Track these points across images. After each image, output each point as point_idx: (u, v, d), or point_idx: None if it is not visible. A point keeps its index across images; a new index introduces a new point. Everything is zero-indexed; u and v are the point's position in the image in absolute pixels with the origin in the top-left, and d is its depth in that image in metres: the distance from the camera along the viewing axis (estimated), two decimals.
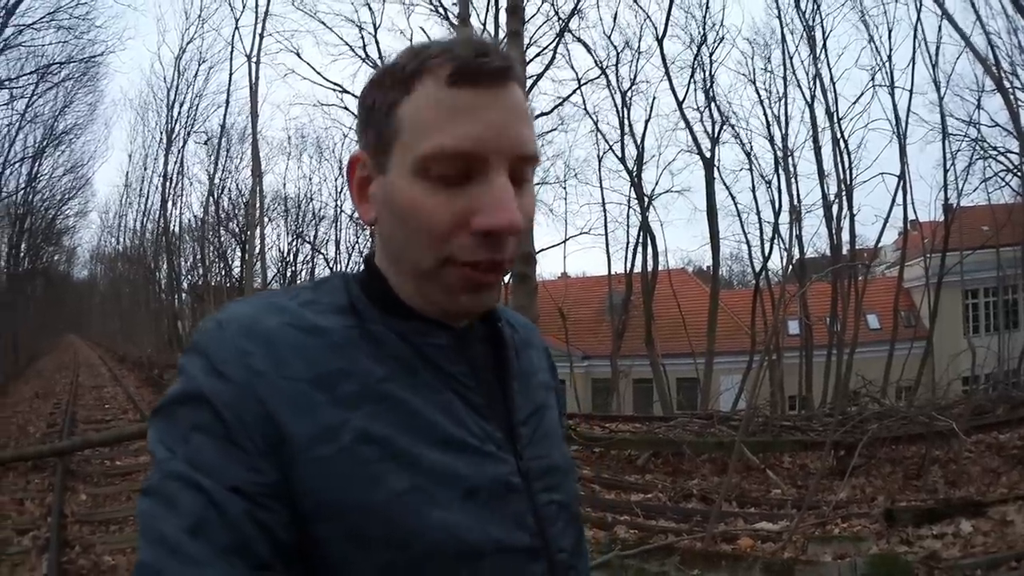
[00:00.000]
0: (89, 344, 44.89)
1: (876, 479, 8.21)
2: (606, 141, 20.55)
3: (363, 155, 0.77)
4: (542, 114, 20.34)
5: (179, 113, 28.42)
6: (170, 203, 29.25)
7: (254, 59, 20.06)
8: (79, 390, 18.18)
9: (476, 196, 0.69)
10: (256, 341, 0.68)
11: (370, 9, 24.41)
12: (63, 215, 35.63)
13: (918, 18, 17.28)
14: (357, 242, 29.36)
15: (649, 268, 20.32)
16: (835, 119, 18.40)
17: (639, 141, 19.93)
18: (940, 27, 17.07)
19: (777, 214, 19.26)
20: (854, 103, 21.90)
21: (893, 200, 17.83)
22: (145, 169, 33.48)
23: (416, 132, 0.70)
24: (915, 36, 17.45)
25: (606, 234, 21.88)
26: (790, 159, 19.31)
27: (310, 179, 54.00)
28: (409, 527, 0.66)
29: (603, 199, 21.36)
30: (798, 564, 5.04)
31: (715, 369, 19.61)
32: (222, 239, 30.78)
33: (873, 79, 18.67)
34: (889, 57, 18.32)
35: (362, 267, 0.81)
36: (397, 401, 0.70)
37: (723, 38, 20.00)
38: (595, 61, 20.01)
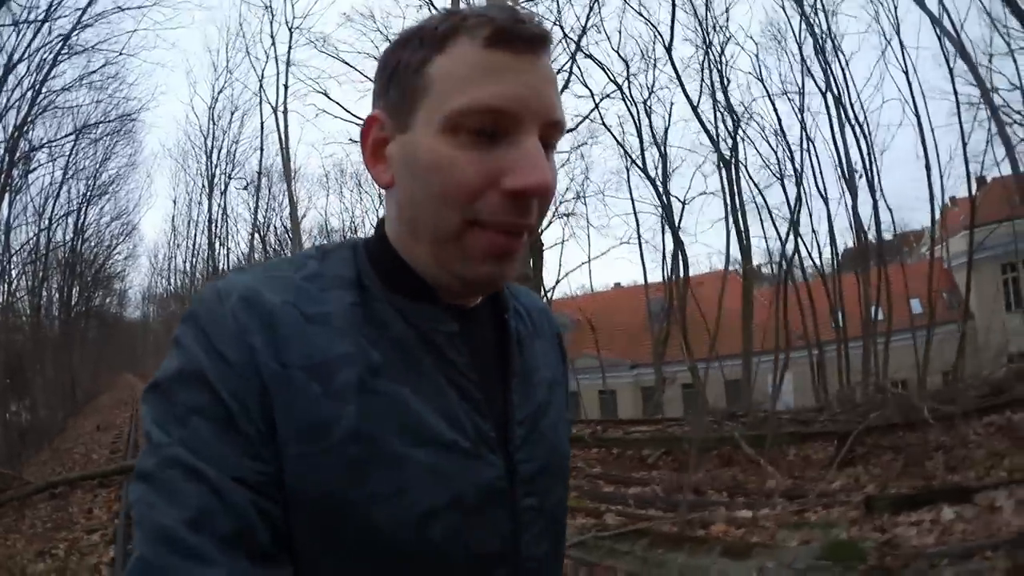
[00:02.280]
0: (144, 381, 46.94)
1: (875, 467, 8.42)
2: (628, 155, 21.37)
3: (381, 115, 0.76)
4: (568, 130, 21.38)
5: (218, 159, 30.22)
6: (217, 243, 30.98)
7: (280, 109, 21.88)
8: (138, 422, 19.85)
9: (507, 156, 0.70)
10: (255, 317, 0.69)
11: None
12: (112, 260, 38.05)
13: None
14: None
15: (681, 274, 21.06)
16: (849, 105, 18.67)
17: (662, 149, 20.77)
18: None
19: (794, 210, 19.69)
20: (864, 86, 21.93)
21: (928, 179, 17.72)
22: (190, 213, 35.51)
23: (448, 88, 0.70)
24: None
25: (640, 244, 22.76)
26: (809, 150, 19.69)
27: (352, 212, 56.03)
28: (386, 529, 0.68)
29: (634, 209, 22.15)
30: (756, 548, 5.41)
31: (764, 367, 20.17)
32: None
33: (884, 55, 19.35)
34: (897, 31, 18.35)
35: (375, 235, 0.81)
36: (392, 397, 0.70)
37: (730, 38, 20.40)
38: (609, 77, 20.78)
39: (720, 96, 20.13)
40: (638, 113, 20.99)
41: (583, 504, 7.87)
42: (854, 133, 18.66)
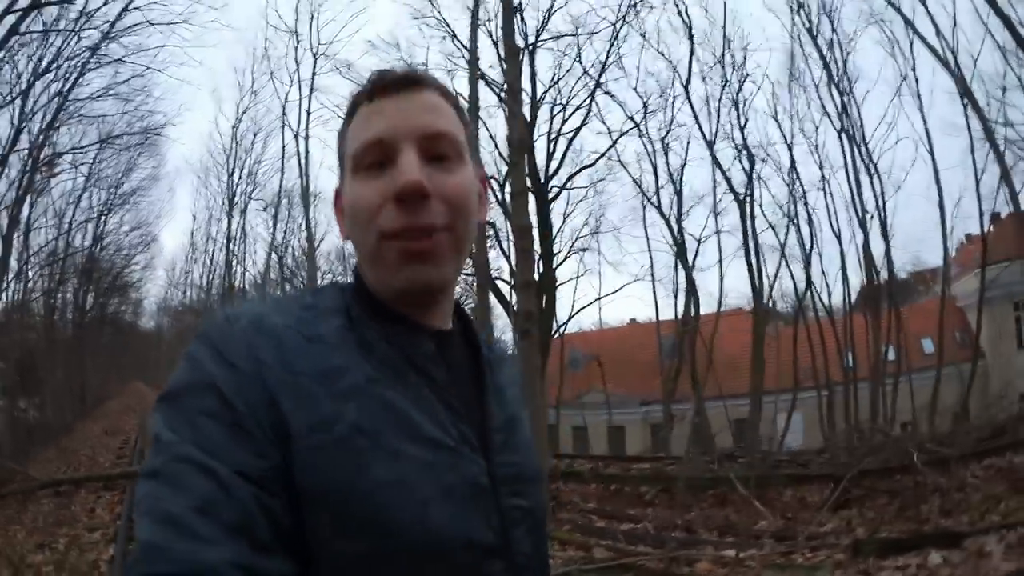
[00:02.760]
0: (155, 391, 47.70)
1: (869, 511, 8.56)
2: (643, 193, 21.61)
3: (339, 184, 0.96)
4: (586, 166, 21.78)
5: (240, 178, 30.79)
6: (234, 261, 31.55)
7: (302, 135, 22.32)
8: (145, 431, 20.17)
9: (393, 174, 0.85)
10: (264, 336, 0.79)
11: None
12: (129, 269, 38.53)
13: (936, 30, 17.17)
14: None
15: (692, 312, 21.23)
16: (863, 142, 18.86)
17: (678, 187, 21.04)
18: (954, 34, 16.88)
19: (807, 251, 19.89)
20: (878, 125, 22.00)
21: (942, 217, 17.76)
22: (209, 229, 35.96)
23: (352, 141, 0.90)
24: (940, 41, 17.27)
25: (652, 281, 22.96)
26: (824, 189, 19.86)
27: None
28: (390, 516, 0.75)
29: (648, 247, 22.37)
30: None
31: (779, 407, 20.22)
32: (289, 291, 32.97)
33: (899, 92, 18.75)
34: (913, 68, 18.38)
35: (353, 275, 0.94)
36: (385, 400, 0.80)
37: (747, 77, 20.64)
38: (626, 114, 21.13)
39: (737, 135, 20.44)
40: (653, 151, 21.25)
41: (573, 537, 8.05)
42: (868, 172, 18.88)
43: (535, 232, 22.67)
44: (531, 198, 22.27)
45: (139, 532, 0.67)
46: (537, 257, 22.70)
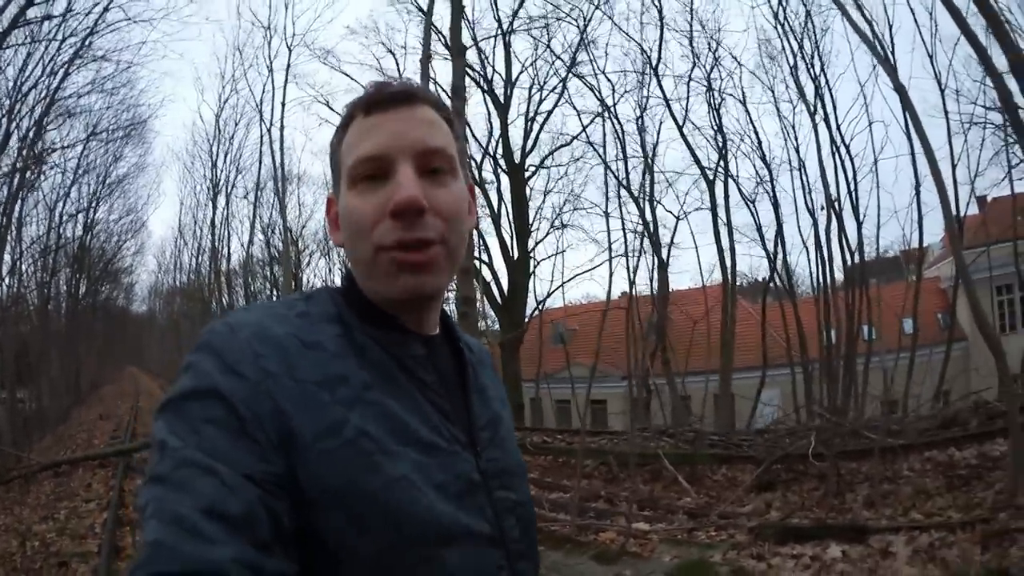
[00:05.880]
0: (149, 375, 50.10)
1: (795, 495, 8.75)
2: (614, 175, 22.47)
3: (331, 194, 1.05)
4: (559, 147, 23.10)
5: (224, 164, 32.70)
6: (222, 245, 33.32)
7: (276, 126, 24.34)
8: (139, 413, 22.04)
9: (389, 189, 0.92)
10: (268, 346, 0.85)
11: (394, 56, 27.18)
12: (120, 255, 40.82)
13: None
14: None
15: (660, 290, 22.49)
16: (835, 125, 19.29)
17: (651, 167, 22.10)
18: (933, 12, 17.01)
19: (777, 230, 20.91)
20: (851, 106, 21.92)
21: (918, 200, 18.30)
22: (196, 214, 38.11)
23: (348, 154, 0.97)
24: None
25: (626, 259, 23.96)
26: (801, 170, 20.56)
27: None
28: (402, 511, 0.82)
29: (623, 226, 23.23)
30: (626, 556, 6.15)
31: (767, 383, 21.38)
32: (275, 272, 34.67)
33: (875, 70, 18.67)
34: (892, 52, 18.12)
35: (344, 281, 1.02)
36: (382, 407, 0.87)
37: (718, 59, 21.36)
38: (597, 97, 22.14)
39: (712, 115, 21.33)
40: (622, 133, 22.23)
41: None
42: (839, 154, 19.36)
43: (508, 210, 24.13)
44: (504, 178, 23.71)
45: (145, 533, 0.71)
46: (512, 235, 24.19)
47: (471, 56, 19.88)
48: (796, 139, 20.67)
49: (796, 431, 10.64)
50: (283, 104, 28.04)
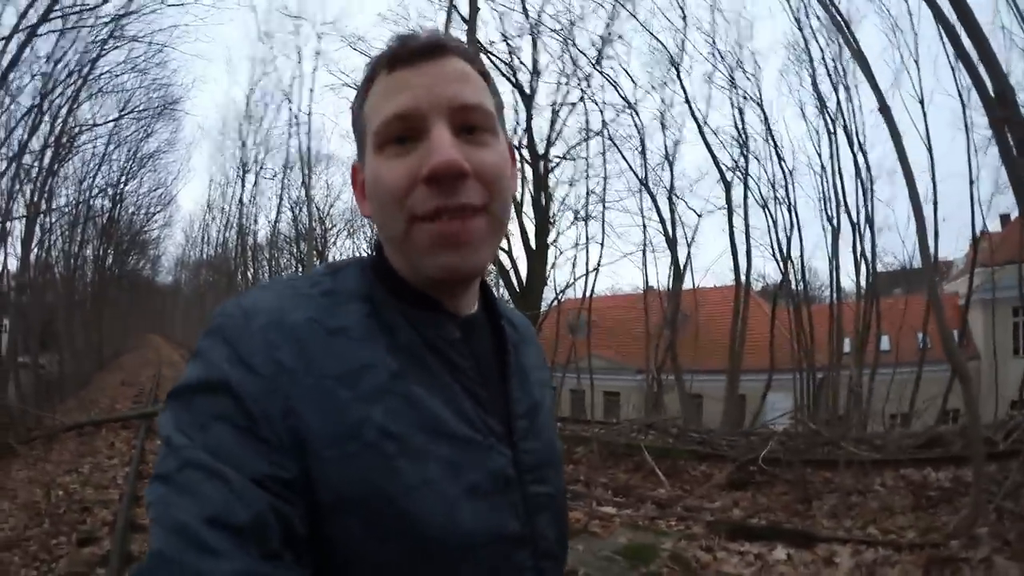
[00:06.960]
0: (172, 344, 50.91)
1: (765, 496, 8.82)
2: (634, 172, 22.59)
3: (356, 162, 0.97)
4: (581, 141, 23.44)
5: (253, 143, 33.22)
6: (249, 220, 34.21)
7: (305, 111, 24.15)
8: (161, 380, 22.83)
9: (422, 151, 0.84)
10: (285, 336, 0.80)
11: None
12: (148, 227, 42.22)
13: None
14: None
15: (677, 289, 22.88)
16: (855, 133, 19.31)
17: (671, 164, 22.32)
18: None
19: (789, 235, 21.01)
20: (872, 111, 21.40)
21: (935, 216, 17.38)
22: (224, 191, 38.99)
23: (373, 117, 0.89)
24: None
25: (644, 255, 24.28)
26: (823, 176, 20.71)
27: None
28: (421, 519, 0.78)
29: (643, 222, 23.34)
30: (584, 535, 6.37)
31: (776, 386, 21.55)
32: (301, 248, 35.73)
33: (896, 80, 19.00)
34: (916, 62, 18.07)
35: (374, 253, 0.96)
36: (410, 398, 0.83)
37: (740, 62, 21.31)
38: (620, 95, 22.08)
39: (735, 116, 21.32)
40: (642, 131, 22.15)
41: None
42: (856, 162, 19.54)
43: (531, 199, 24.61)
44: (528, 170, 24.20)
45: (150, 539, 0.70)
46: (534, 225, 24.67)
47: (499, 48, 20.35)
48: (818, 145, 20.91)
49: (774, 435, 10.82)
50: (311, 91, 29.29)
